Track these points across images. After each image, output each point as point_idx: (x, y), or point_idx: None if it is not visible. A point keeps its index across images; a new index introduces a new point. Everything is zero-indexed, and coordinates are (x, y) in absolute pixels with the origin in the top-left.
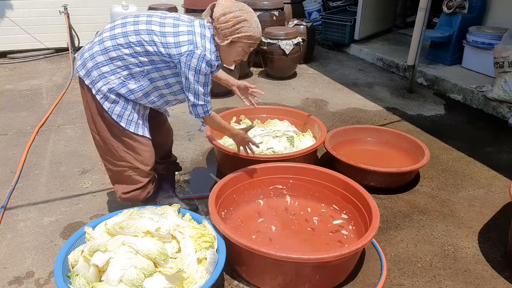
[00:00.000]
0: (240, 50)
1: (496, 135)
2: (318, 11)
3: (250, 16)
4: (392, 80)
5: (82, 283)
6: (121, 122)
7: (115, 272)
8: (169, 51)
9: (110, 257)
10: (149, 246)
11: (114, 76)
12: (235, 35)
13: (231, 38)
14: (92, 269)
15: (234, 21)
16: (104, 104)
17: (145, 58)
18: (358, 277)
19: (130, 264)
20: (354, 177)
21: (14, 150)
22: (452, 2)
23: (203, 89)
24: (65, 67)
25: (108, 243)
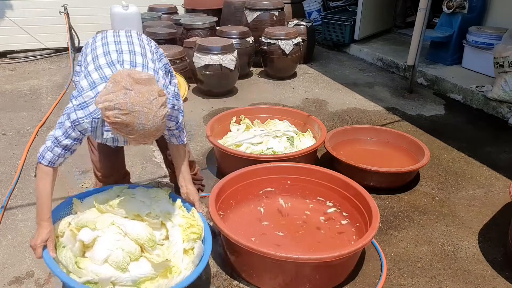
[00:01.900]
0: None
1: (496, 135)
2: (318, 11)
3: (132, 119)
4: (392, 80)
5: (69, 257)
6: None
7: (102, 251)
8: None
9: (97, 236)
10: (139, 231)
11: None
12: (118, 132)
13: (117, 132)
14: (78, 244)
15: (112, 121)
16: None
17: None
18: (358, 277)
19: (117, 246)
20: (354, 177)
21: (14, 150)
22: (452, 2)
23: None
24: (65, 67)
25: (97, 220)
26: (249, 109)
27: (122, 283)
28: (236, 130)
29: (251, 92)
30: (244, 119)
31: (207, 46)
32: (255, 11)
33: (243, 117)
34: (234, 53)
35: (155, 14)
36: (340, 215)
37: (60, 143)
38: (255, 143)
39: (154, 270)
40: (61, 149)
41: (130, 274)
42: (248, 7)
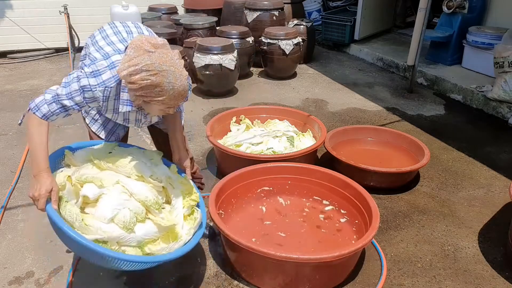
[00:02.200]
0: (158, 109)
1: (496, 135)
2: (318, 11)
3: (161, 78)
4: (392, 80)
5: (75, 213)
6: (87, 118)
7: (108, 209)
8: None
9: (102, 193)
10: (146, 192)
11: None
12: (145, 98)
13: (142, 99)
14: (81, 199)
15: (140, 85)
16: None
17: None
18: (358, 277)
19: (124, 206)
20: (354, 177)
21: (14, 150)
22: (452, 2)
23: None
24: (65, 67)
25: (103, 178)
26: (249, 109)
27: (127, 243)
28: (236, 130)
29: (251, 92)
30: (244, 119)
31: (207, 46)
32: (255, 11)
33: (243, 117)
34: (234, 53)
35: (155, 14)
36: (338, 213)
37: (60, 101)
38: (255, 143)
39: (158, 233)
40: (58, 106)
41: (135, 235)
42: (248, 7)
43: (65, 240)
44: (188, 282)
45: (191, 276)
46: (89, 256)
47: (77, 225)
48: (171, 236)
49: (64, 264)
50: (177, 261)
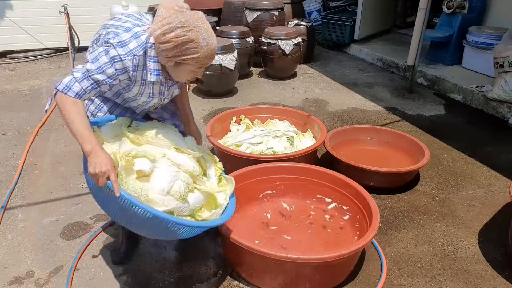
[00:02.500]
0: (191, 70)
1: (496, 135)
2: (318, 11)
3: (196, 34)
4: (392, 80)
5: (139, 187)
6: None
7: (164, 182)
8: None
9: (155, 167)
10: (191, 163)
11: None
12: (178, 57)
13: (175, 60)
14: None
15: (175, 42)
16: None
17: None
18: (358, 277)
19: (177, 177)
20: (354, 177)
21: (14, 150)
22: (452, 2)
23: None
24: (65, 67)
25: (153, 152)
26: (249, 109)
27: (182, 212)
28: (236, 130)
29: (251, 92)
30: (244, 119)
31: None
32: (255, 11)
33: (243, 117)
34: (234, 53)
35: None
36: (341, 210)
37: (92, 76)
38: (255, 143)
39: (204, 201)
40: (90, 82)
41: (188, 205)
42: (248, 7)
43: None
44: (188, 282)
45: (191, 276)
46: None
47: (143, 199)
48: (213, 203)
49: (64, 264)
50: (177, 261)
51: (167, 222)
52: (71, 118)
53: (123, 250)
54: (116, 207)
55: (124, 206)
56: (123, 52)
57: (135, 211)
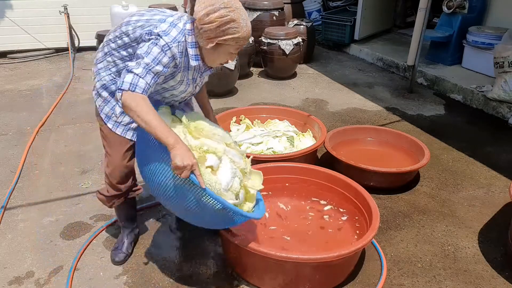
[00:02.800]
0: (228, 52)
1: (496, 135)
2: (318, 11)
3: (238, 15)
4: (392, 80)
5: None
6: (108, 123)
7: (227, 178)
8: (136, 35)
9: (220, 163)
10: (241, 161)
11: (105, 72)
12: (221, 38)
13: (216, 40)
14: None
15: (219, 22)
16: (97, 101)
17: (125, 52)
18: (358, 277)
19: (235, 175)
20: (354, 177)
21: (14, 150)
22: (452, 2)
23: (150, 61)
24: (65, 67)
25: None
26: (249, 109)
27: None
28: (236, 130)
29: (251, 92)
30: (244, 119)
31: None
32: (255, 11)
33: (243, 117)
34: None
35: None
36: (337, 212)
37: (152, 69)
38: (255, 143)
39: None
40: (152, 75)
41: (239, 200)
42: (248, 7)
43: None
44: (188, 282)
45: (191, 276)
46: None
47: (216, 192)
48: (251, 197)
49: (64, 264)
50: (177, 261)
51: (234, 214)
52: (147, 115)
53: (124, 249)
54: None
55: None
56: (169, 40)
57: (209, 203)
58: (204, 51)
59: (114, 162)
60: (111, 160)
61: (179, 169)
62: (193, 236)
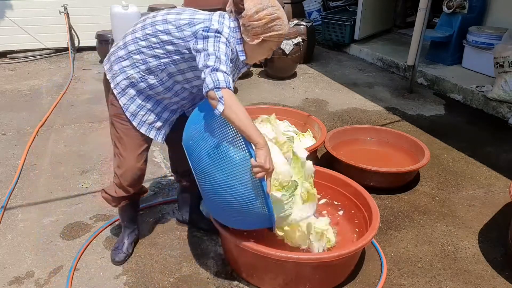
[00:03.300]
0: (269, 48)
1: (496, 135)
2: (318, 11)
3: (282, 13)
4: (392, 80)
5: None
6: (134, 121)
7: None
8: (184, 33)
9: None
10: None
11: (133, 70)
12: (267, 34)
13: (263, 36)
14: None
15: (268, 19)
16: (121, 99)
17: (160, 50)
18: (358, 277)
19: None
20: (354, 177)
21: (14, 150)
22: (452, 2)
23: (225, 58)
24: (65, 67)
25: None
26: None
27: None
28: None
29: (251, 92)
30: None
31: None
32: None
33: None
34: None
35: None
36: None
37: (228, 64)
38: None
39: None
40: (230, 70)
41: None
42: None
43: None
44: (188, 282)
45: (191, 276)
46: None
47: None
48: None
49: (64, 264)
50: (177, 261)
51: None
52: (244, 113)
53: (124, 249)
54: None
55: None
56: (227, 36)
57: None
58: (247, 47)
59: (127, 164)
60: (124, 162)
61: (261, 168)
62: (193, 236)
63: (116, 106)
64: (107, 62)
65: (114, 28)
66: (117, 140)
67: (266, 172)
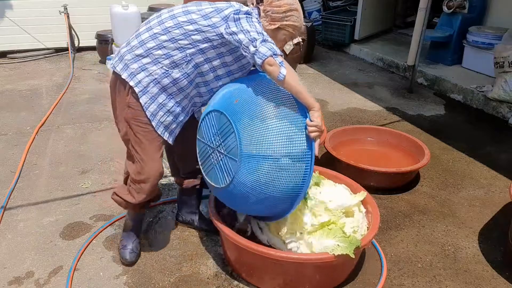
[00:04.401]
0: (283, 38)
1: (496, 135)
2: (318, 11)
3: (299, 7)
4: (392, 80)
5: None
6: (153, 121)
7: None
8: (212, 20)
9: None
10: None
11: (156, 66)
12: (284, 22)
13: (279, 24)
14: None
15: (287, 7)
16: (141, 98)
17: (185, 41)
18: (358, 277)
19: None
20: (354, 177)
21: (14, 150)
22: (452, 2)
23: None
24: (65, 67)
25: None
26: None
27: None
28: None
29: None
30: None
31: None
32: None
33: None
34: None
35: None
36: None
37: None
38: None
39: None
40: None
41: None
42: None
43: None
44: (188, 282)
45: (191, 276)
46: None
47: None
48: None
49: (64, 264)
50: (177, 261)
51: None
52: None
53: (135, 248)
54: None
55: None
56: (256, 15)
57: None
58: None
59: (150, 169)
60: (146, 167)
61: (316, 128)
62: (193, 236)
63: (134, 108)
64: (119, 62)
65: (114, 28)
66: (137, 145)
67: (320, 133)
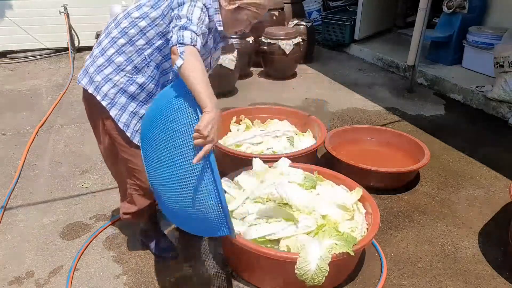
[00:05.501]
0: (245, 19)
1: (496, 135)
2: (318, 11)
3: None
4: (392, 80)
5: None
6: (127, 132)
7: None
8: (161, 9)
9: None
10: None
11: (119, 75)
12: (244, 0)
13: (239, 3)
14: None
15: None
16: (111, 111)
17: (142, 40)
18: (358, 277)
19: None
20: (354, 177)
21: (14, 150)
22: (452, 2)
23: (197, 21)
24: (65, 67)
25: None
26: (249, 109)
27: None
28: (236, 130)
29: (251, 92)
30: (244, 119)
31: None
32: None
33: (243, 117)
34: (234, 53)
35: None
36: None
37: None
38: (255, 143)
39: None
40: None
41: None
42: None
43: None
44: (188, 282)
45: (191, 276)
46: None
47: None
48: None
49: (64, 264)
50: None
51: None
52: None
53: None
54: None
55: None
56: (204, 1)
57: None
58: (223, 15)
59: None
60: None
61: (198, 134)
62: (193, 236)
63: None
64: (83, 76)
65: None
66: (130, 156)
67: (204, 140)
